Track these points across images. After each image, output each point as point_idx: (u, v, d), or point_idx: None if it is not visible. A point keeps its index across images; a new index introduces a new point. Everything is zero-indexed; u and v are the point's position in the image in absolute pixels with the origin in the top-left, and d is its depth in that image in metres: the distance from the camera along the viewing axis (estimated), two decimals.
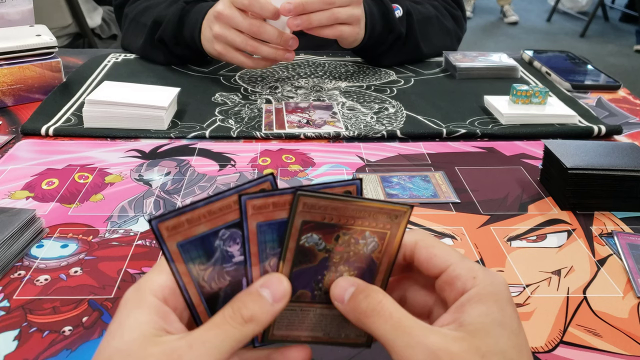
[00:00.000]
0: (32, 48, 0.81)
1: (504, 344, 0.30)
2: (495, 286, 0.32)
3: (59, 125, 0.75)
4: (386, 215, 0.34)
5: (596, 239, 0.55)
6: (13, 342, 0.42)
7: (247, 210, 0.33)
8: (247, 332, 0.31)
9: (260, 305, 0.31)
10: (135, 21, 0.98)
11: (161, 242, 0.32)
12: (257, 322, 0.31)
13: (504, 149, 0.72)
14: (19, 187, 0.61)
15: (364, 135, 0.75)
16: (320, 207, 0.33)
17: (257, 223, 0.33)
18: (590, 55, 1.13)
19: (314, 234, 0.33)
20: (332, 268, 0.34)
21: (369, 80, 0.93)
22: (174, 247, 0.32)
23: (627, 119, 0.82)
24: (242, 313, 0.31)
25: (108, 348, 0.30)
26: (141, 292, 0.32)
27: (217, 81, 0.92)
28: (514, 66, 0.96)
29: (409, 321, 0.31)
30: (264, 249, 0.33)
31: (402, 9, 0.94)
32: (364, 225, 0.34)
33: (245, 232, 0.33)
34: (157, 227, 0.32)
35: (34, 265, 0.50)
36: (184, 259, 0.33)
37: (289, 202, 0.33)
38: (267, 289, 0.32)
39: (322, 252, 0.34)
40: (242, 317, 0.31)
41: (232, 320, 0.31)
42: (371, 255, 0.34)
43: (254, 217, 0.33)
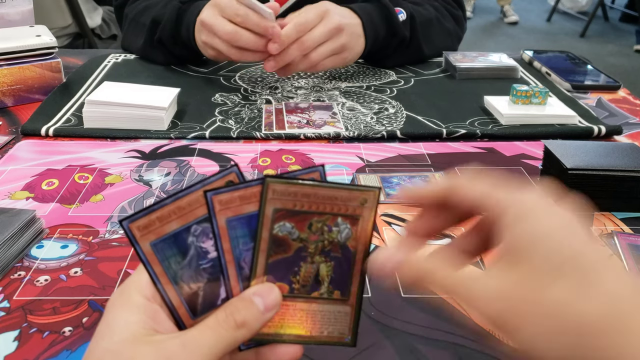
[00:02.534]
0: (32, 48, 0.81)
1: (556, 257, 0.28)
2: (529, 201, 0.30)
3: (59, 125, 0.75)
4: (356, 199, 0.34)
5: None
6: (13, 342, 0.42)
7: (214, 207, 0.32)
8: (238, 337, 0.31)
9: (253, 312, 0.32)
10: (135, 21, 0.98)
11: (134, 243, 0.32)
12: (248, 328, 0.32)
13: (503, 150, 0.72)
14: (19, 188, 0.61)
15: (364, 135, 0.75)
16: (290, 194, 0.33)
17: (227, 219, 0.33)
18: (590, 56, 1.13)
19: (286, 222, 0.33)
20: (307, 259, 0.34)
21: (369, 81, 0.93)
22: (147, 247, 0.32)
23: (627, 120, 0.82)
24: (235, 317, 0.31)
25: (98, 349, 0.30)
26: (127, 292, 0.32)
27: (217, 81, 0.92)
28: (513, 66, 0.96)
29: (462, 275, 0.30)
30: (237, 244, 0.33)
31: (406, 13, 0.93)
32: (335, 211, 0.34)
33: (216, 229, 0.33)
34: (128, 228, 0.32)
35: (34, 265, 0.50)
36: (159, 259, 0.32)
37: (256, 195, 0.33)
38: (260, 297, 0.32)
39: (296, 242, 0.34)
40: (235, 322, 0.31)
41: (225, 324, 0.31)
42: (346, 244, 0.34)
43: (222, 212, 0.32)
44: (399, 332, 0.44)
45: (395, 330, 0.44)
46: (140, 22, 0.96)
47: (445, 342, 0.43)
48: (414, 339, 0.43)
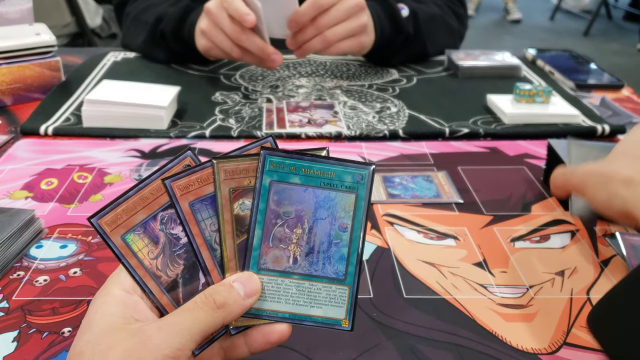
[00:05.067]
0: (32, 47, 0.80)
1: None
2: None
3: (58, 124, 0.74)
4: None
5: (600, 240, 0.55)
6: (12, 343, 0.42)
7: (175, 192, 0.33)
8: (217, 318, 0.31)
9: (233, 295, 0.32)
10: (137, 19, 0.97)
11: (106, 239, 0.32)
12: (228, 311, 0.32)
13: (507, 149, 0.72)
14: (18, 187, 0.61)
15: (366, 134, 0.74)
16: (241, 171, 0.33)
17: (189, 202, 0.33)
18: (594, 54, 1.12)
19: (245, 200, 0.33)
20: None
21: (371, 80, 0.93)
22: (119, 241, 0.32)
23: (630, 119, 0.82)
24: (215, 298, 0.32)
25: (79, 343, 0.31)
26: (107, 288, 0.33)
27: (218, 80, 0.91)
28: (517, 65, 0.96)
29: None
30: (205, 227, 0.33)
31: (408, 9, 0.93)
32: None
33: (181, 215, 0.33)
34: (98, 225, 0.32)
35: (33, 265, 0.49)
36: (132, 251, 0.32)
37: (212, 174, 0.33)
38: (240, 283, 0.33)
39: None
40: (215, 302, 0.31)
41: (203, 304, 0.31)
42: None
43: (183, 197, 0.33)
44: (400, 333, 0.43)
45: (397, 331, 0.43)
46: (142, 20, 0.96)
47: (447, 342, 0.42)
48: (415, 339, 0.43)
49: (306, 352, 0.41)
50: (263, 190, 0.33)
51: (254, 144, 0.34)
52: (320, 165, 0.33)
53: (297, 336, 0.42)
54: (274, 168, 0.33)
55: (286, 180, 0.33)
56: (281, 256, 0.33)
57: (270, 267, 0.33)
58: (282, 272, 0.33)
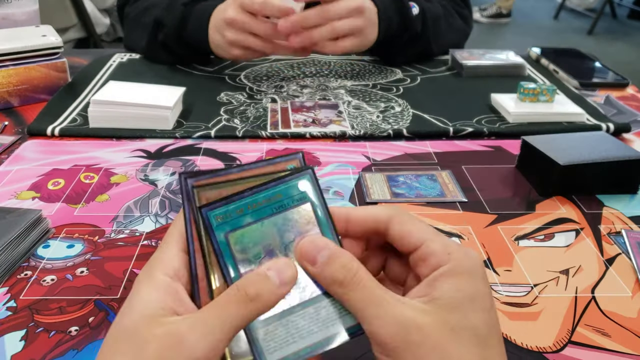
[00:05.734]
0: (38, 48, 0.81)
1: (474, 319, 0.30)
2: (470, 262, 0.31)
3: (64, 125, 0.75)
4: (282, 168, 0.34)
5: (604, 238, 0.55)
6: (20, 342, 0.42)
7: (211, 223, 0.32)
8: (250, 311, 0.30)
9: (267, 285, 0.31)
10: (136, 21, 0.98)
11: (185, 201, 0.32)
12: (262, 302, 0.30)
13: (511, 148, 0.72)
14: (25, 188, 0.61)
15: (370, 134, 0.74)
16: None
17: None
18: (598, 53, 1.12)
19: None
20: None
21: (375, 79, 0.93)
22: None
23: (635, 117, 0.82)
24: (247, 290, 0.30)
25: (117, 327, 0.30)
26: (151, 271, 0.32)
27: (223, 80, 0.92)
28: (521, 64, 0.96)
29: (381, 292, 0.30)
30: None
31: (419, 7, 0.93)
32: None
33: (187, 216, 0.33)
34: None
35: (40, 265, 0.50)
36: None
37: None
38: (274, 271, 0.31)
39: None
40: (247, 294, 0.30)
41: (235, 298, 0.30)
42: None
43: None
44: None
45: None
46: (141, 22, 0.96)
47: None
48: None
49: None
50: (223, 247, 0.32)
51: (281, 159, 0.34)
52: (263, 193, 0.33)
53: None
54: (221, 220, 0.32)
55: (239, 225, 0.32)
56: None
57: (269, 314, 0.31)
58: (283, 313, 0.32)
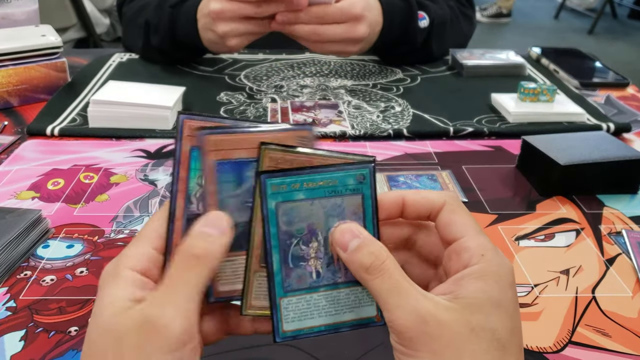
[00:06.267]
0: (38, 48, 0.81)
1: (495, 322, 0.29)
2: (501, 268, 0.31)
3: (64, 125, 0.75)
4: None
5: (605, 238, 0.55)
6: (19, 342, 0.42)
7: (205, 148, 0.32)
8: (204, 270, 0.31)
9: (209, 240, 0.31)
10: (132, 22, 0.97)
11: (178, 139, 0.32)
12: (211, 258, 0.31)
13: (511, 148, 0.72)
14: (24, 188, 0.61)
15: (370, 134, 0.74)
16: (286, 162, 0.33)
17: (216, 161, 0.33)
18: (599, 53, 1.12)
19: None
20: None
21: (375, 79, 0.93)
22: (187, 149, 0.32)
23: (636, 117, 0.82)
24: (193, 252, 0.31)
25: (91, 332, 0.30)
26: (116, 268, 0.31)
27: (222, 80, 0.91)
28: (521, 64, 0.96)
29: (406, 284, 0.30)
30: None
31: (429, 19, 0.92)
32: None
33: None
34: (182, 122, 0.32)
35: (39, 265, 0.50)
36: (189, 166, 0.33)
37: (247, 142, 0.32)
38: (209, 226, 0.32)
39: None
40: (194, 255, 0.30)
41: (185, 264, 0.30)
42: None
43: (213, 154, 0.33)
44: None
45: None
46: (136, 22, 0.96)
47: None
48: None
49: (311, 350, 0.41)
50: (271, 214, 0.32)
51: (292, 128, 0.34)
52: (321, 175, 0.33)
53: None
54: (276, 190, 0.32)
55: (291, 199, 0.33)
56: (304, 274, 0.33)
57: (295, 287, 0.33)
58: (309, 289, 0.33)
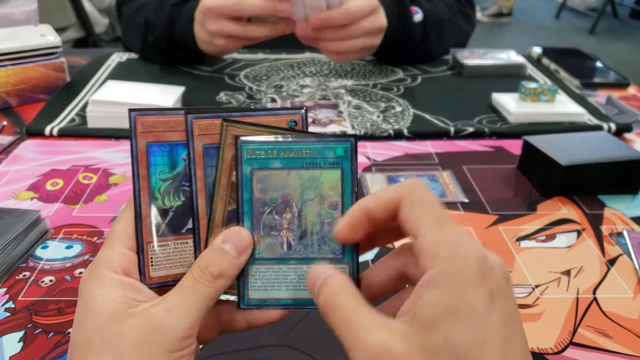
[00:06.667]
0: (36, 48, 0.81)
1: (455, 339, 0.25)
2: (459, 266, 0.26)
3: (63, 125, 0.75)
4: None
5: (606, 239, 0.55)
6: (18, 343, 0.42)
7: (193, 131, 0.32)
8: (218, 288, 0.32)
9: (227, 260, 0.32)
10: (131, 22, 0.97)
11: (133, 136, 0.32)
12: (226, 277, 0.32)
13: (512, 148, 0.72)
14: (23, 188, 0.61)
15: (371, 134, 0.74)
16: None
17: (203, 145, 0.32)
18: (599, 52, 1.12)
19: None
20: None
21: (375, 79, 0.93)
22: (143, 145, 0.32)
23: (637, 117, 0.81)
24: (211, 271, 0.31)
25: (84, 331, 0.30)
26: (98, 271, 0.32)
27: (222, 80, 0.91)
28: (522, 63, 0.95)
29: (355, 317, 0.28)
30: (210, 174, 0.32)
31: (422, 14, 0.92)
32: None
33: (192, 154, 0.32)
34: (134, 120, 0.32)
35: (38, 266, 0.50)
36: (148, 162, 0.32)
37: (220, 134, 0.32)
38: (229, 243, 0.32)
39: None
40: (212, 275, 0.31)
41: (202, 279, 0.31)
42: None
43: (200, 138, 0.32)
44: None
45: None
46: (135, 22, 0.95)
47: None
48: None
49: (312, 352, 0.41)
50: (245, 180, 0.32)
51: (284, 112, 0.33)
52: (299, 145, 0.32)
53: (303, 336, 0.42)
54: (252, 156, 0.32)
55: (267, 166, 0.32)
56: (274, 244, 0.33)
57: (265, 255, 0.33)
58: (279, 259, 0.33)
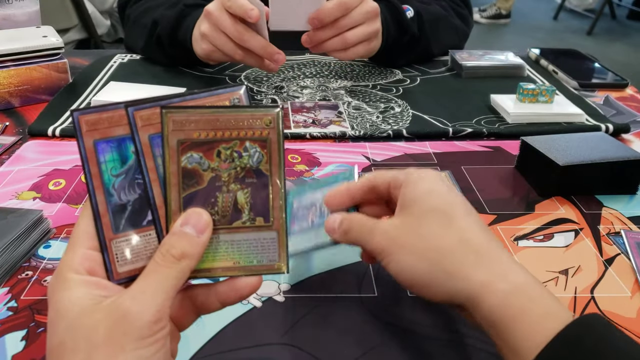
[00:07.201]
0: (39, 49, 0.81)
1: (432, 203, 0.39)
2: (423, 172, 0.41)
3: (65, 125, 0.75)
4: (259, 120, 0.33)
5: (604, 238, 0.55)
6: (21, 342, 0.42)
7: (137, 122, 0.32)
8: (182, 269, 0.32)
9: (187, 240, 0.32)
10: (137, 23, 0.98)
11: (78, 137, 0.32)
12: (189, 257, 0.32)
13: (510, 148, 0.72)
14: (26, 188, 0.62)
15: (370, 134, 0.74)
16: (191, 123, 0.32)
17: (149, 135, 0.32)
18: (598, 53, 1.12)
19: (193, 153, 0.33)
20: (223, 188, 0.33)
21: (375, 80, 0.93)
22: (90, 144, 0.32)
23: (634, 117, 0.82)
24: (172, 252, 0.32)
25: (57, 334, 0.30)
26: (62, 276, 0.32)
27: (223, 81, 0.92)
28: (520, 64, 0.96)
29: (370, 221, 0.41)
30: (160, 164, 0.33)
31: (413, 10, 0.93)
32: (242, 136, 0.33)
33: (138, 145, 0.32)
34: (77, 120, 0.31)
35: (41, 265, 0.50)
36: (97, 160, 0.32)
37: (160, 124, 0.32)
38: (188, 225, 0.33)
39: (207, 172, 0.33)
40: (173, 256, 0.32)
41: (164, 262, 0.32)
42: (259, 168, 0.34)
43: (144, 129, 0.32)
44: (405, 332, 0.43)
45: (401, 330, 0.44)
46: (141, 23, 0.96)
47: (452, 341, 0.43)
48: (420, 338, 0.43)
49: (312, 350, 0.42)
50: None
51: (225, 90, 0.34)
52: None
53: (303, 335, 0.43)
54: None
55: None
56: None
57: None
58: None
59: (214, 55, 0.83)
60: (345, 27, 0.78)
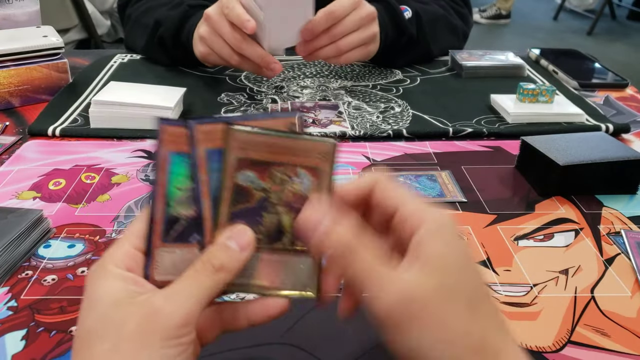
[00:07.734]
0: (39, 49, 0.81)
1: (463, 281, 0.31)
2: (445, 219, 0.33)
3: (65, 125, 0.75)
4: (316, 151, 0.34)
5: (604, 238, 0.55)
6: (21, 342, 0.42)
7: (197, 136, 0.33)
8: (218, 281, 0.32)
9: (228, 254, 0.33)
10: (137, 22, 0.98)
11: (159, 145, 0.33)
12: (227, 270, 0.33)
13: (510, 148, 0.72)
14: (26, 188, 0.62)
15: (370, 134, 0.74)
16: (252, 143, 0.33)
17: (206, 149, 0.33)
18: (598, 53, 1.12)
19: (248, 172, 0.33)
20: (270, 209, 0.34)
21: (375, 80, 0.93)
22: (165, 154, 0.33)
23: (634, 117, 0.82)
24: (213, 263, 0.32)
25: (87, 321, 0.31)
26: (103, 266, 0.33)
27: (223, 81, 0.92)
28: (520, 65, 0.96)
29: (380, 266, 0.31)
30: (213, 179, 0.33)
31: (411, 10, 0.93)
32: (296, 163, 0.34)
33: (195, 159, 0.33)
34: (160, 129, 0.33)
35: (41, 265, 0.50)
36: (168, 170, 0.33)
37: None
38: (232, 239, 0.33)
39: (258, 192, 0.34)
40: (213, 267, 0.32)
41: (203, 270, 0.32)
42: (307, 195, 0.34)
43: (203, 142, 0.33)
44: None
45: None
46: (142, 23, 0.96)
47: None
48: None
49: (312, 350, 0.42)
50: None
51: (280, 114, 0.34)
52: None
53: (303, 334, 0.43)
54: None
55: None
56: None
57: None
58: None
59: (211, 58, 0.84)
60: (338, 35, 0.78)
